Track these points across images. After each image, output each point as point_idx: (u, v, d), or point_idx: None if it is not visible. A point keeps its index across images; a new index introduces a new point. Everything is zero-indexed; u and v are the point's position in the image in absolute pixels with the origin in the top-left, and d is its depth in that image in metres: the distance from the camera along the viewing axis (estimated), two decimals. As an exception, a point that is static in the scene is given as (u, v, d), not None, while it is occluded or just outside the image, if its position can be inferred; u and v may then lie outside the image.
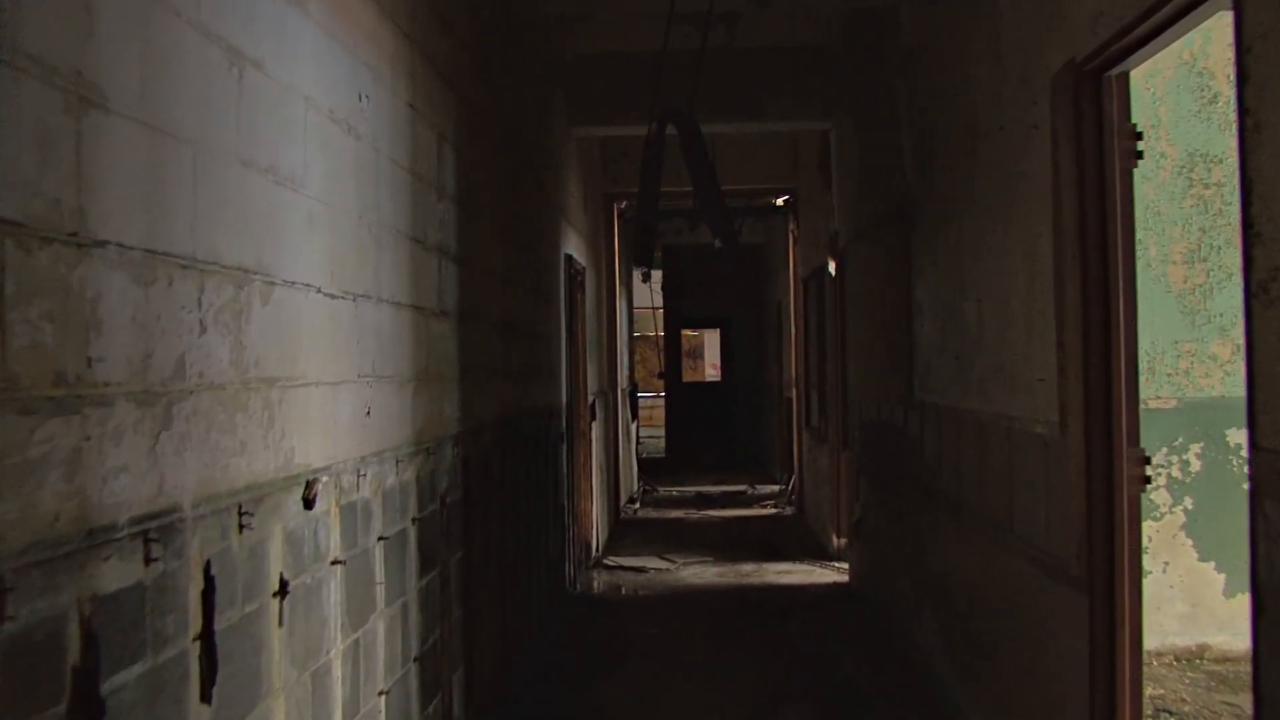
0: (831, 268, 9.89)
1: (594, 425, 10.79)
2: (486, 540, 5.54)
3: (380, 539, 3.73)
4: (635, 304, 22.15)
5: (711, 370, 28.48)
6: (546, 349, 7.98)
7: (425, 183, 4.48)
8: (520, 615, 6.61)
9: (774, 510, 14.03)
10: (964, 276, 5.15)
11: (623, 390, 15.21)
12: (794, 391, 13.58)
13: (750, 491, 16.12)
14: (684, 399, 20.62)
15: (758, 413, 20.00)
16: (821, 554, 10.66)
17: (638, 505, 14.52)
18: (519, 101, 7.29)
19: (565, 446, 8.93)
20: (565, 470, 8.94)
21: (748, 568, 10.23)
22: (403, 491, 4.01)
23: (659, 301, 20.61)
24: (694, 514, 13.89)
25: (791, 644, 7.43)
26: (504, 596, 6.03)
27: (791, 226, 13.42)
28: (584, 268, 10.33)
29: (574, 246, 9.87)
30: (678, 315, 20.63)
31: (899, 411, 6.78)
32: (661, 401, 21.77)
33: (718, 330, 22.19)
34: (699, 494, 15.85)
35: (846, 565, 9.66)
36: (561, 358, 8.87)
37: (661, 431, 21.81)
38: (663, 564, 10.41)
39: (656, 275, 20.82)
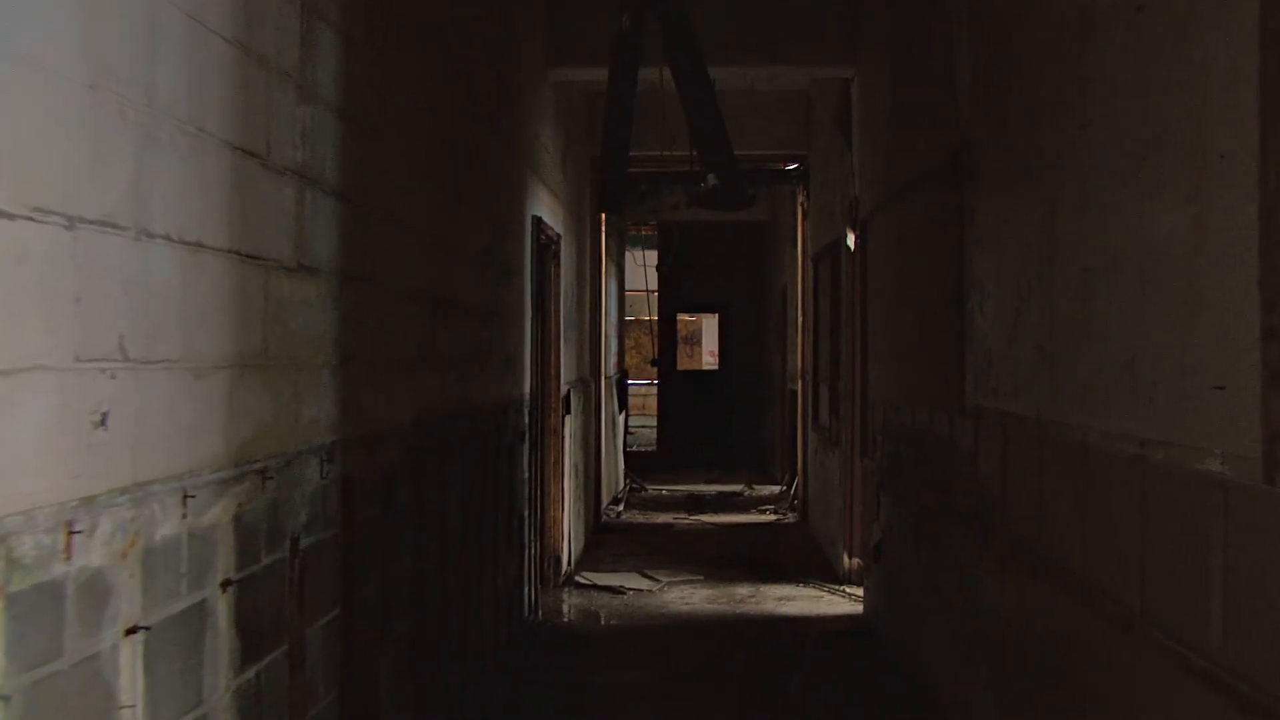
0: (850, 241, 8.39)
1: (568, 420, 9.30)
2: (387, 587, 4.05)
3: (135, 630, 2.24)
4: (628, 286, 20.70)
5: (709, 358, 26.98)
6: (502, 331, 6.49)
7: (271, 71, 2.97)
8: (452, 671, 5.12)
9: (774, 516, 12.55)
10: (1060, 234, 3.65)
11: (609, 378, 13.73)
12: (799, 385, 12.10)
13: (748, 493, 14.64)
14: (678, 389, 19.12)
15: (758, 406, 18.52)
16: (829, 575, 9.18)
17: (622, 507, 13.04)
18: (477, 13, 5.78)
19: (528, 446, 7.45)
20: (528, 475, 7.46)
21: (744, 590, 8.75)
22: (199, 543, 2.52)
23: (654, 284, 19.10)
24: (684, 519, 12.40)
25: (800, 708, 5.95)
26: (422, 656, 4.54)
27: (800, 199, 11.91)
28: (558, 236, 8.83)
29: (547, 210, 8.37)
30: (673, 299, 19.12)
31: (941, 418, 5.29)
32: (656, 390, 20.23)
33: (716, 316, 20.68)
34: (691, 495, 14.36)
35: (860, 593, 8.18)
36: (525, 342, 7.38)
37: (655, 421, 20.28)
38: (645, 583, 8.93)
39: (651, 255, 19.32)
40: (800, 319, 12.05)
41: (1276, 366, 2.27)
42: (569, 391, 9.39)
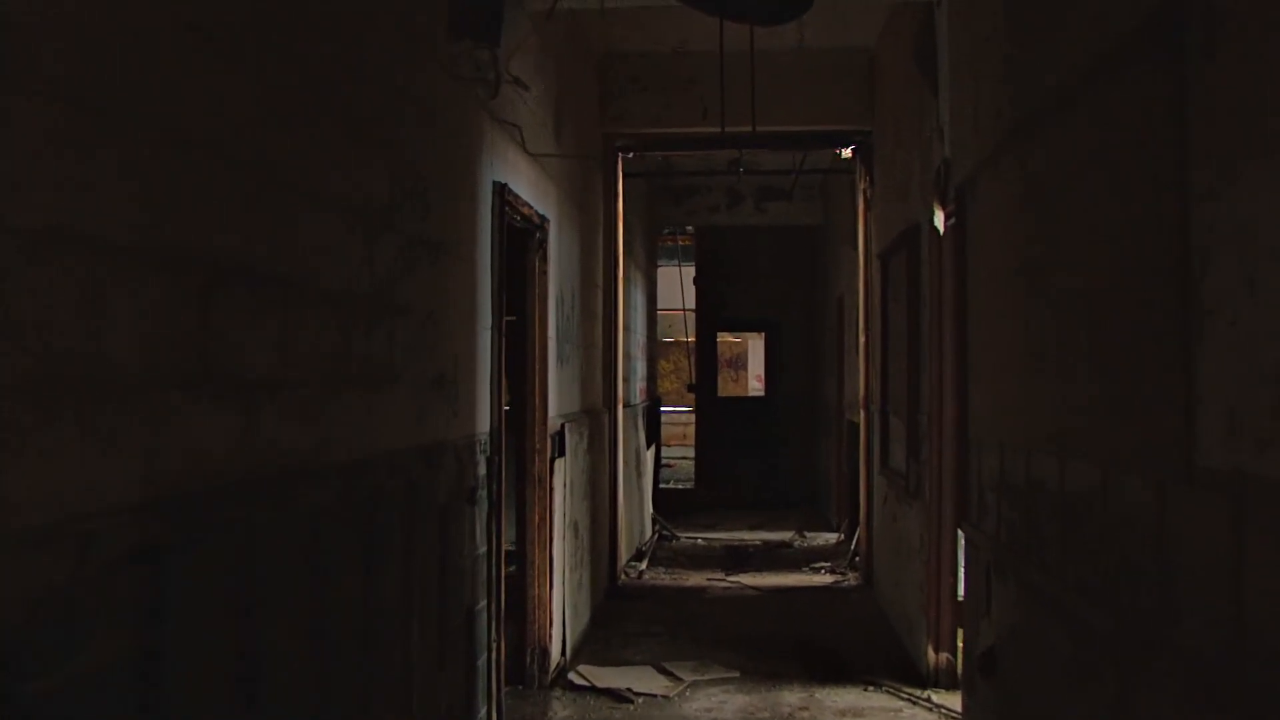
0: (937, 221, 6.14)
1: (561, 465, 7.09)
2: None
3: None
4: (666, 305, 18.46)
5: (756, 383, 24.66)
6: (420, 337, 4.29)
7: None
8: None
9: (831, 577, 10.25)
10: None
11: (631, 409, 11.51)
12: (861, 415, 9.82)
13: (799, 543, 12.34)
14: (719, 418, 16.85)
15: (810, 438, 16.21)
16: (906, 671, 6.89)
17: (645, 564, 10.77)
18: None
19: (486, 506, 5.25)
20: (487, 547, 5.26)
21: (793, 698, 6.48)
22: None
23: (693, 301, 16.88)
24: (721, 580, 10.13)
25: None
26: None
27: (862, 185, 9.66)
28: (543, 220, 6.64)
29: (524, 182, 6.19)
30: (713, 316, 16.87)
31: (1133, 484, 3.02)
32: (695, 418, 17.91)
33: (762, 335, 18.41)
34: (731, 546, 12.09)
35: (953, 704, 5.90)
36: (479, 358, 5.20)
37: (694, 453, 17.97)
38: (661, 684, 6.68)
39: (690, 271, 17.09)
40: (862, 334, 9.78)
41: None
42: (564, 427, 7.19)
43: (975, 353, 5.22)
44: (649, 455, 13.16)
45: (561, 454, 7.12)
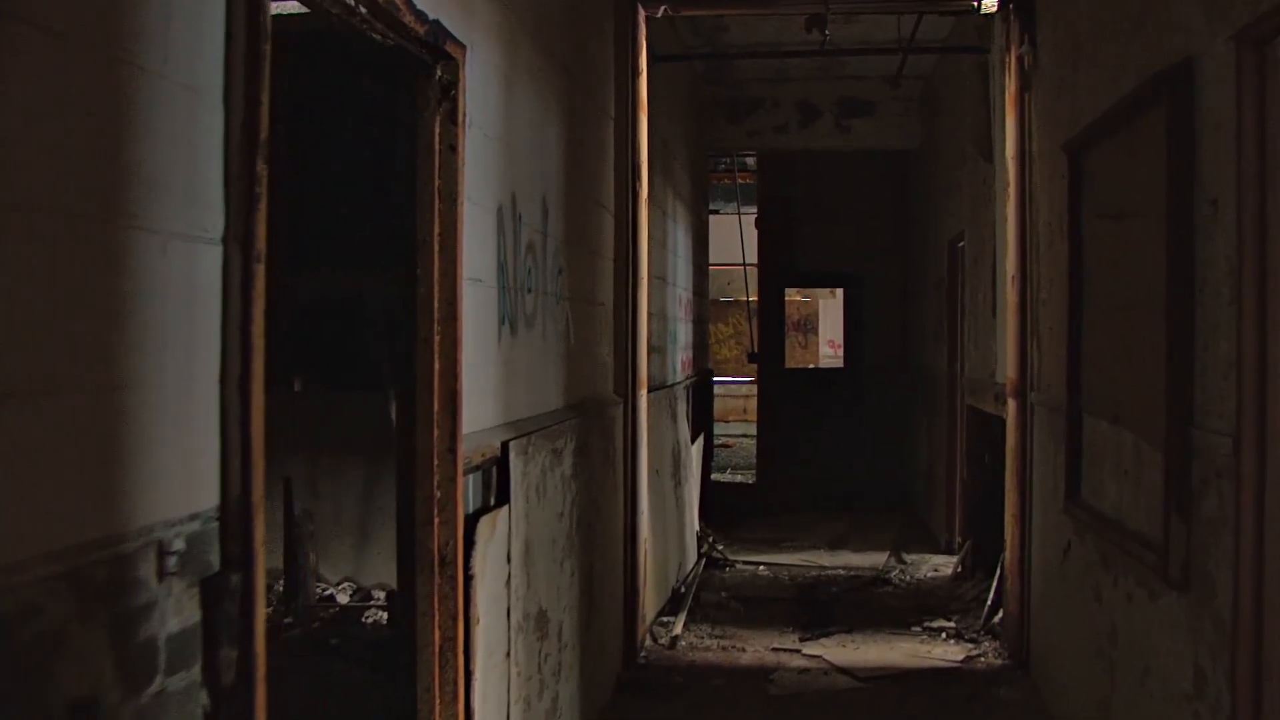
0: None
1: (500, 521, 3.77)
2: None
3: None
4: (722, 257, 15.06)
5: (829, 350, 21.16)
6: None
7: None
8: None
9: (959, 648, 6.84)
10: None
11: (668, 389, 8.23)
12: (1010, 409, 6.41)
13: (898, 573, 8.97)
14: (786, 395, 13.44)
15: (902, 421, 12.79)
16: None
17: (681, 622, 7.38)
18: None
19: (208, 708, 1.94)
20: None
21: None
22: None
23: (752, 254, 13.47)
24: (792, 651, 6.78)
25: None
26: None
27: (1014, 52, 6.22)
28: (457, 44, 3.28)
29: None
30: (779, 268, 13.43)
31: None
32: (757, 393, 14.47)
33: (840, 292, 14.95)
34: (803, 579, 8.76)
35: None
36: (165, 328, 1.86)
37: (754, 432, 14.56)
38: None
39: (750, 219, 13.67)
40: (1012, 285, 6.37)
41: None
42: (507, 450, 3.87)
43: None
44: (695, 451, 9.81)
45: (503, 500, 3.82)
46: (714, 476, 13.00)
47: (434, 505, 3.32)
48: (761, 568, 9.20)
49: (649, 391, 6.81)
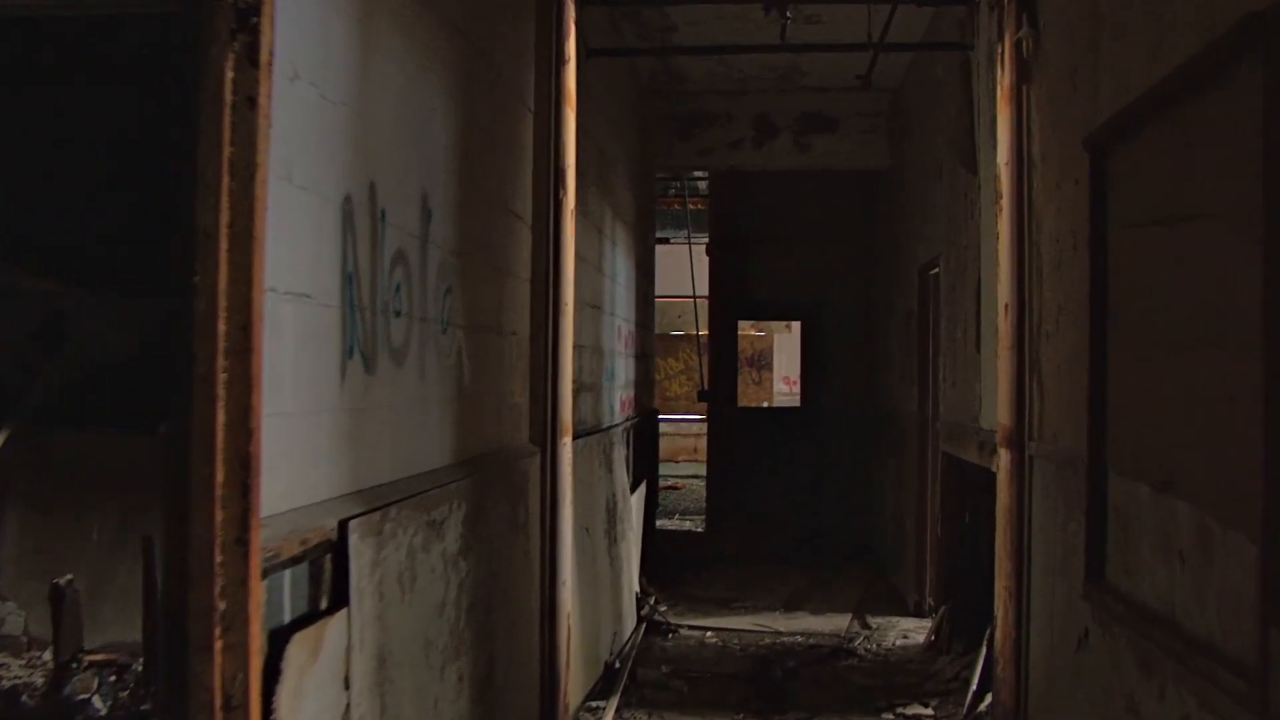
0: None
1: (333, 630, 2.69)
2: None
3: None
4: (672, 290, 14.08)
5: (784, 387, 20.17)
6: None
7: None
8: None
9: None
10: None
11: (603, 433, 7.18)
12: (1002, 460, 5.39)
13: (862, 641, 7.91)
14: (738, 436, 12.40)
15: (863, 466, 11.78)
16: None
17: (612, 703, 6.28)
18: None
19: None
20: None
21: None
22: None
23: (704, 285, 12.46)
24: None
25: None
26: None
27: (1009, 37, 5.25)
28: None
29: None
30: (731, 299, 12.42)
31: None
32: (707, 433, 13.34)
33: (797, 325, 13.98)
34: (756, 649, 7.69)
35: None
36: None
37: (704, 472, 13.43)
38: None
39: (699, 249, 12.67)
40: (1004, 313, 5.38)
41: None
42: (346, 532, 2.80)
43: None
44: (636, 501, 8.74)
45: (339, 602, 2.74)
46: (660, 524, 11.95)
47: (214, 622, 2.24)
48: (709, 634, 8.12)
49: (576, 438, 5.75)
